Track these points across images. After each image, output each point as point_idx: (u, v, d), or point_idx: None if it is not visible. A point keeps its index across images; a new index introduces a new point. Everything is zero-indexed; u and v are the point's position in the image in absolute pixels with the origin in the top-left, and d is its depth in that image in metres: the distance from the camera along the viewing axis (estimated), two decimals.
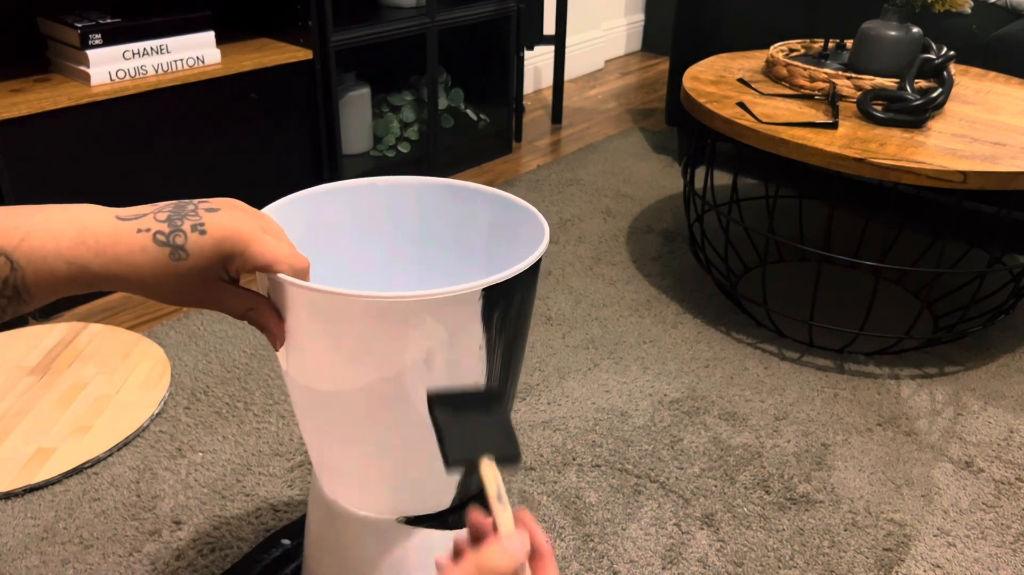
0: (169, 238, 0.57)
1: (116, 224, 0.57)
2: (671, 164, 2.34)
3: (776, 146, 1.35)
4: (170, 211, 0.59)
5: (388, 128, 2.17)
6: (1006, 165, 1.26)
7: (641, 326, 1.59)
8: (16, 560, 1.04)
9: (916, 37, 1.53)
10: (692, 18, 2.17)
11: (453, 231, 0.83)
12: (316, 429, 0.74)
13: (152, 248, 0.57)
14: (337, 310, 0.63)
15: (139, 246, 0.57)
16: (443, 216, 0.83)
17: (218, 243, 0.58)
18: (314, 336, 0.65)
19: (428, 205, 0.82)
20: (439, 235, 0.83)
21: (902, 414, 1.37)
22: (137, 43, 1.56)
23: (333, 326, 0.64)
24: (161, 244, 0.57)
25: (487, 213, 0.80)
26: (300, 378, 0.70)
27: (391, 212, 0.83)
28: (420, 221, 0.83)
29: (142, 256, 0.57)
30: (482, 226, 0.81)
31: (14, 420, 1.26)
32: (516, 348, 0.72)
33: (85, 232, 0.56)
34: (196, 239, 0.58)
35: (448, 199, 0.82)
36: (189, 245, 0.58)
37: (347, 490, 0.77)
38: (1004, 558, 1.10)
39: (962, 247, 1.91)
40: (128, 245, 0.57)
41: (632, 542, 1.10)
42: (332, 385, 0.68)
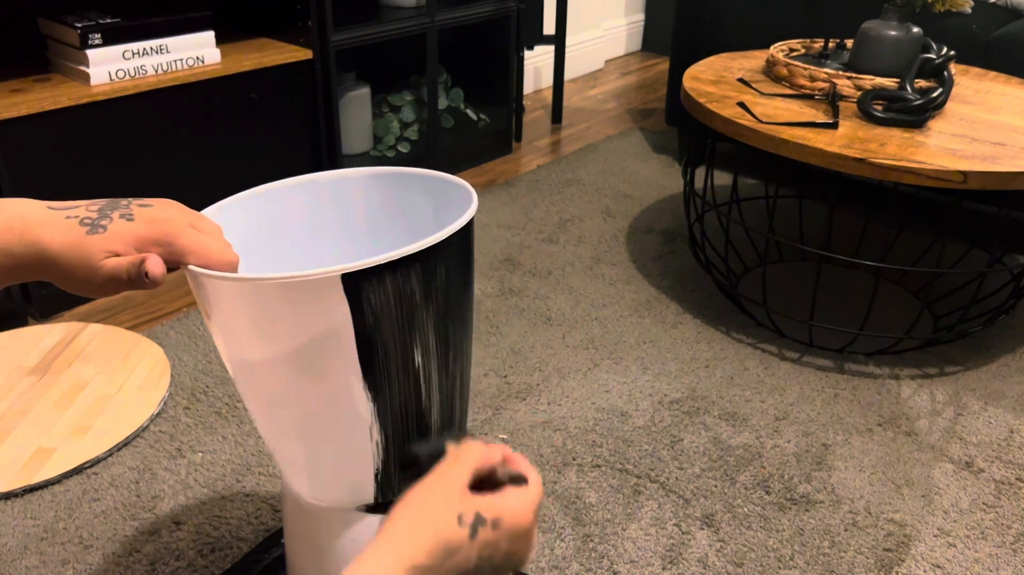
0: (95, 222, 0.59)
1: (47, 212, 0.58)
2: (671, 164, 2.34)
3: (776, 146, 1.35)
4: (103, 204, 0.60)
5: (388, 128, 2.17)
6: (1006, 165, 1.26)
7: (641, 326, 1.59)
8: (16, 560, 1.04)
9: (916, 37, 1.53)
10: (692, 18, 2.17)
11: (401, 219, 0.82)
12: (264, 425, 0.74)
13: (75, 228, 0.58)
14: (236, 295, 0.63)
15: (62, 227, 0.58)
16: (390, 205, 0.82)
17: (143, 229, 0.59)
18: (234, 326, 0.66)
19: (373, 196, 0.82)
20: (388, 224, 0.83)
21: (902, 414, 1.37)
22: (137, 43, 1.56)
23: (241, 314, 0.64)
24: (84, 225, 0.58)
25: (429, 196, 0.80)
26: (234, 371, 0.71)
27: (339, 207, 0.82)
28: (367, 212, 0.82)
29: (63, 236, 0.58)
30: (427, 210, 0.81)
31: (14, 420, 1.26)
32: (447, 326, 0.71)
33: (13, 219, 0.57)
34: (120, 222, 0.59)
35: (392, 187, 0.81)
36: (111, 226, 0.59)
37: (304, 483, 0.77)
38: (1004, 558, 1.10)
39: (962, 247, 1.91)
40: (52, 226, 0.58)
41: (632, 542, 1.10)
42: (257, 376, 0.68)
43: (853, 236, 1.94)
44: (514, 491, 0.60)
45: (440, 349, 0.71)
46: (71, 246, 0.58)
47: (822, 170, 2.07)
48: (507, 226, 1.96)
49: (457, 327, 0.72)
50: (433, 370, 0.71)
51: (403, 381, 0.69)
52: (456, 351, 0.73)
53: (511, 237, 1.91)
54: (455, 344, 0.73)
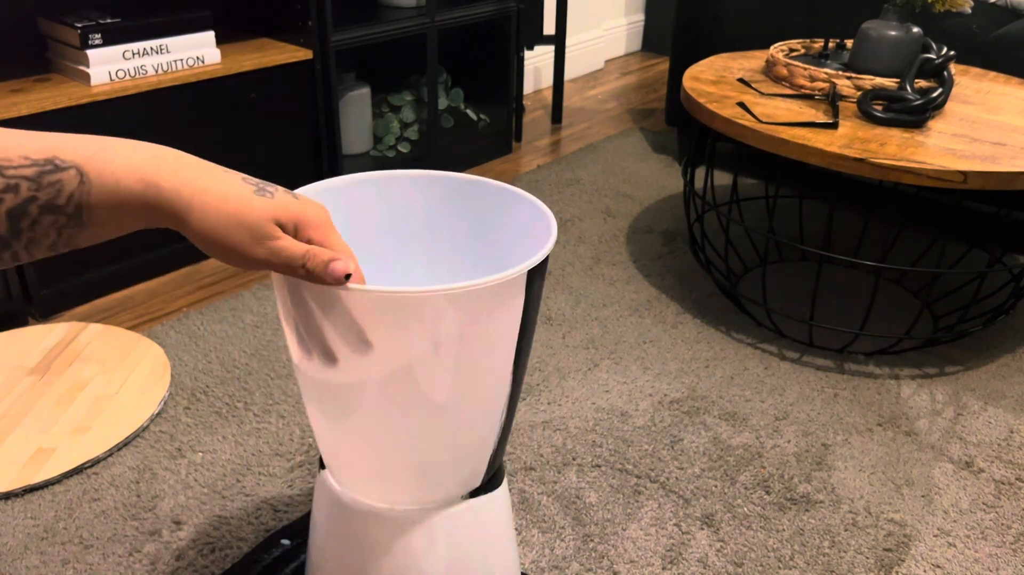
0: (261, 187, 0.57)
1: (201, 162, 0.56)
2: (671, 164, 2.34)
3: (776, 146, 1.35)
4: (259, 179, 0.59)
5: (388, 128, 2.17)
6: (1006, 165, 1.26)
7: (641, 326, 1.59)
8: (16, 560, 1.04)
9: (916, 37, 1.53)
10: (692, 18, 2.17)
11: (467, 226, 0.84)
12: (329, 422, 0.74)
13: (236, 178, 0.56)
14: (355, 305, 0.63)
15: (222, 172, 0.56)
16: (455, 210, 0.83)
17: (306, 211, 0.58)
18: (332, 329, 0.66)
19: (446, 198, 0.84)
20: (449, 230, 0.84)
21: (902, 414, 1.37)
22: (137, 43, 1.56)
23: (350, 320, 0.64)
24: (247, 182, 0.57)
25: (499, 208, 0.82)
26: (313, 371, 0.70)
27: (404, 205, 0.83)
28: (427, 215, 0.84)
29: (222, 180, 0.55)
30: (496, 221, 0.82)
31: (14, 420, 1.26)
32: (526, 341, 0.74)
33: (167, 153, 0.55)
34: (286, 195, 0.58)
35: (470, 194, 0.83)
36: (278, 195, 0.57)
37: (364, 483, 0.77)
38: (1004, 558, 1.10)
39: (962, 247, 1.91)
40: (210, 170, 0.55)
41: (632, 542, 1.10)
42: (346, 377, 0.69)
43: (853, 236, 1.94)
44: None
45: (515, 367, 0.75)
46: (235, 200, 0.55)
47: (822, 170, 2.07)
48: None
49: (527, 346, 0.77)
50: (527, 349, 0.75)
51: (525, 361, 0.75)
52: (523, 370, 0.78)
53: None
54: (523, 361, 0.78)
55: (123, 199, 0.53)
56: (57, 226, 0.52)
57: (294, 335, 0.69)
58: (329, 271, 0.58)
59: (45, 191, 0.51)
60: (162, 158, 0.54)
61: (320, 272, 0.58)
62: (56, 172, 0.51)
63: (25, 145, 0.51)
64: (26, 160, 0.51)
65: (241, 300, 1.61)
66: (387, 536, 0.78)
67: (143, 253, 1.67)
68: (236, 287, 1.68)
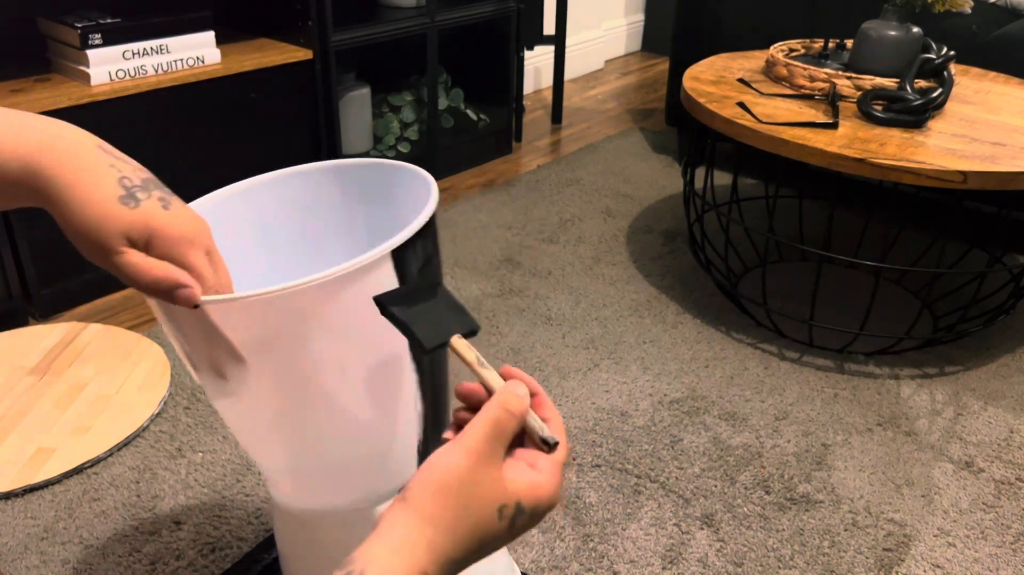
0: (131, 190, 0.55)
1: (94, 150, 0.55)
2: (671, 164, 2.34)
3: (776, 146, 1.35)
4: (152, 178, 0.57)
5: (388, 128, 2.17)
6: (1006, 165, 1.26)
7: (641, 326, 1.59)
8: (16, 560, 1.04)
9: (916, 37, 1.53)
10: (692, 18, 2.17)
11: (333, 214, 0.81)
12: (246, 437, 0.73)
13: (110, 180, 0.54)
14: (229, 315, 0.61)
15: (100, 170, 0.54)
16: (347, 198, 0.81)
17: (166, 224, 0.55)
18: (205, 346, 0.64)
19: (308, 194, 0.81)
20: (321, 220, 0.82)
21: (902, 414, 1.37)
22: (137, 43, 1.56)
23: (213, 336, 0.62)
24: (121, 185, 0.55)
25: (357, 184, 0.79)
26: (207, 386, 0.69)
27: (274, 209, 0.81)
28: (302, 213, 0.81)
29: (94, 180, 0.54)
30: (354, 199, 0.79)
31: (14, 420, 1.26)
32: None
33: (57, 140, 0.54)
34: (154, 204, 0.55)
35: (321, 183, 0.80)
36: (145, 203, 0.55)
37: (300, 490, 0.76)
38: (1004, 558, 1.10)
39: (962, 247, 1.91)
40: (88, 167, 0.54)
41: (632, 542, 1.10)
42: (232, 389, 0.67)
43: (853, 236, 1.94)
44: (548, 462, 0.53)
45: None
46: (96, 206, 0.53)
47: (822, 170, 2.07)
48: (507, 226, 1.96)
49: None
50: None
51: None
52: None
53: (511, 237, 1.91)
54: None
55: (4, 179, 0.52)
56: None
57: (182, 353, 0.67)
58: (175, 298, 0.56)
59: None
60: (49, 146, 0.53)
61: (167, 297, 0.56)
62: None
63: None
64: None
65: None
66: (333, 537, 0.77)
67: None
68: None
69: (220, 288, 0.59)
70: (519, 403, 0.52)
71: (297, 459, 0.72)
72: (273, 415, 0.68)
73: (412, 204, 0.76)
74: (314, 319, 0.61)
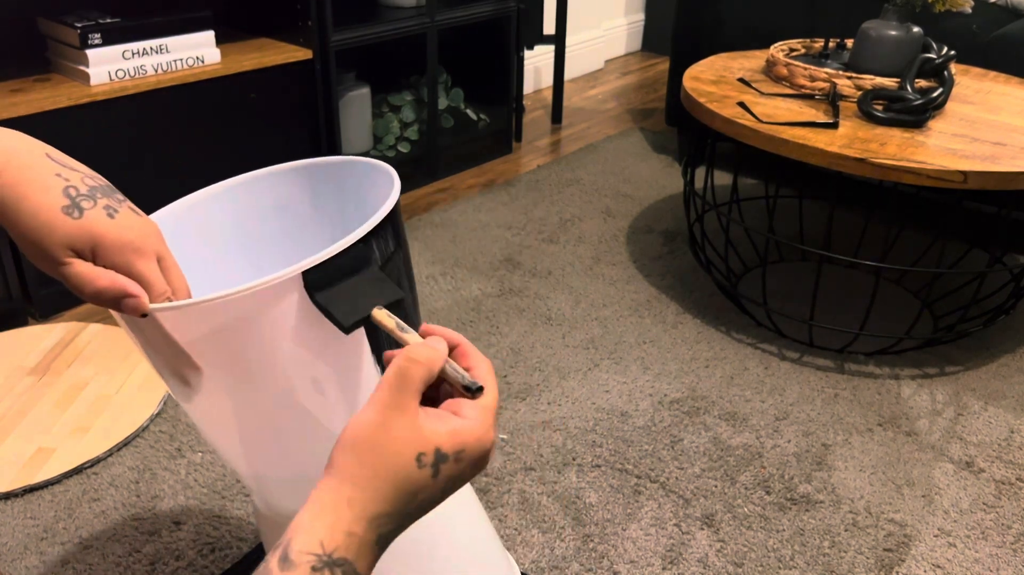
0: (76, 200, 0.54)
1: (40, 159, 0.55)
2: (671, 164, 2.34)
3: (776, 146, 1.35)
4: (100, 185, 0.56)
5: (388, 128, 2.17)
6: (1006, 165, 1.26)
7: (641, 326, 1.59)
8: (16, 560, 1.04)
9: (916, 37, 1.53)
10: (692, 18, 2.17)
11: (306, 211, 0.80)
12: (216, 443, 0.72)
13: (56, 190, 0.54)
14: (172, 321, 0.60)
15: (47, 180, 0.54)
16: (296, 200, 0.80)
17: (112, 233, 0.55)
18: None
19: (281, 194, 0.80)
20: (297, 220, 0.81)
21: (902, 414, 1.37)
22: (137, 43, 1.56)
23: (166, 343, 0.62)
24: (66, 196, 0.54)
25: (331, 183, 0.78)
26: (177, 392, 0.68)
27: (246, 211, 0.80)
28: (272, 213, 0.80)
29: (41, 191, 0.53)
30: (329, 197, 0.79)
31: (14, 420, 1.26)
32: None
33: (11, 153, 0.53)
34: (99, 214, 0.55)
35: (292, 183, 0.80)
36: (89, 213, 0.55)
37: (273, 494, 0.76)
38: (1004, 558, 1.10)
39: (962, 247, 1.91)
40: (37, 176, 0.53)
41: (632, 542, 1.10)
42: (191, 397, 0.66)
43: (853, 236, 1.94)
44: (472, 408, 0.53)
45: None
46: (42, 216, 0.53)
47: (822, 170, 2.07)
48: (507, 226, 1.96)
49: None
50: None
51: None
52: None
53: (511, 237, 1.91)
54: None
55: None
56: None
57: (146, 360, 0.67)
58: (122, 306, 0.56)
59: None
60: (3, 158, 0.53)
61: (115, 306, 0.56)
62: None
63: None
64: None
65: None
66: None
67: None
68: None
69: (174, 294, 0.59)
70: (425, 352, 0.52)
71: (264, 465, 0.71)
72: (235, 421, 0.67)
73: (381, 200, 0.75)
74: (266, 323, 0.60)
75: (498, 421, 1.32)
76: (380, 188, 0.75)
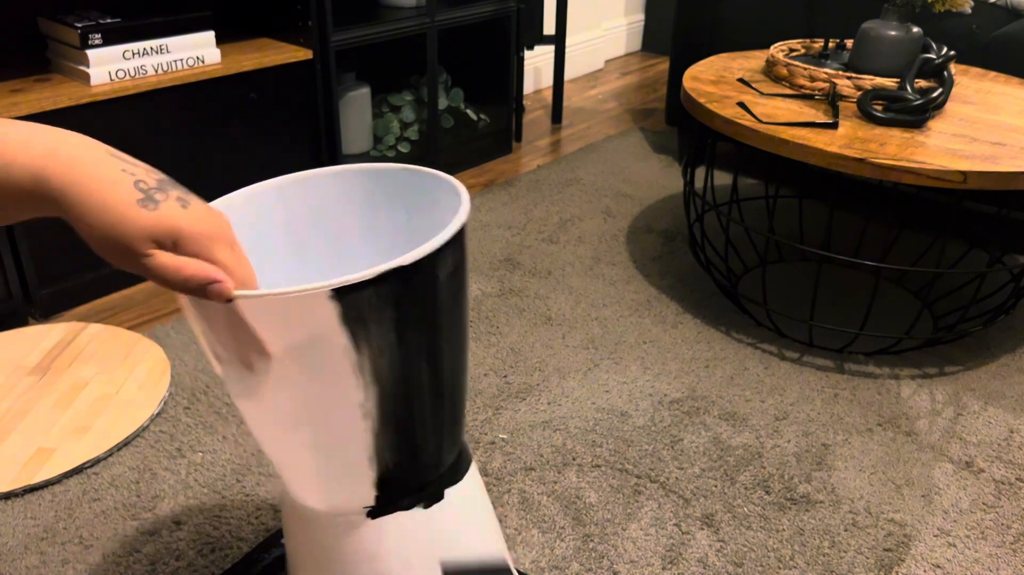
0: (150, 192, 0.55)
1: (105, 155, 0.55)
2: (671, 164, 2.34)
3: (776, 146, 1.35)
4: (164, 178, 0.57)
5: (388, 128, 2.17)
6: (1006, 165, 1.26)
7: (641, 326, 1.59)
8: (16, 560, 1.04)
9: (916, 37, 1.53)
10: (692, 18, 2.17)
11: (379, 216, 0.81)
12: (260, 432, 0.73)
13: (125, 184, 0.54)
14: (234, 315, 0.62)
15: (113, 175, 0.54)
16: (370, 203, 0.81)
17: (189, 223, 0.56)
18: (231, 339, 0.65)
19: (355, 194, 0.81)
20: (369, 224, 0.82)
21: (902, 414, 1.37)
22: (137, 43, 1.56)
23: (243, 330, 0.63)
24: (137, 188, 0.54)
25: (411, 194, 0.79)
26: (234, 380, 0.70)
27: (316, 207, 0.81)
28: (343, 211, 0.81)
29: (108, 185, 0.54)
30: (408, 209, 0.80)
31: (14, 420, 1.26)
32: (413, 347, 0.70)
33: (61, 146, 0.53)
34: (174, 205, 0.56)
35: (374, 184, 0.81)
36: (164, 204, 0.55)
37: (306, 489, 0.77)
38: (1004, 558, 1.10)
39: (962, 247, 1.91)
40: (100, 172, 0.54)
41: (632, 542, 1.10)
42: (249, 386, 0.68)
43: (853, 236, 1.94)
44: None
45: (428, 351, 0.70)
46: (113, 211, 0.53)
47: (822, 170, 2.07)
48: (507, 226, 1.96)
49: (449, 328, 0.72)
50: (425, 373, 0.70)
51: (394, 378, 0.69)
52: (449, 351, 0.73)
53: (511, 237, 1.91)
54: (448, 345, 0.73)
55: (13, 193, 0.53)
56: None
57: (206, 345, 0.67)
58: (208, 292, 0.57)
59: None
60: (54, 155, 0.53)
61: (200, 293, 0.57)
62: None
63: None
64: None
65: None
66: (342, 540, 0.78)
67: None
68: None
69: (246, 281, 0.60)
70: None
71: (316, 459, 0.72)
72: (294, 409, 0.68)
73: (439, 212, 0.77)
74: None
75: (498, 421, 1.32)
76: (445, 200, 0.76)
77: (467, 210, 0.69)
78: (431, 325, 0.69)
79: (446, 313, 0.70)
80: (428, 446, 0.76)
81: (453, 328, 0.72)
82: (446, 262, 0.67)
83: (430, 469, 0.78)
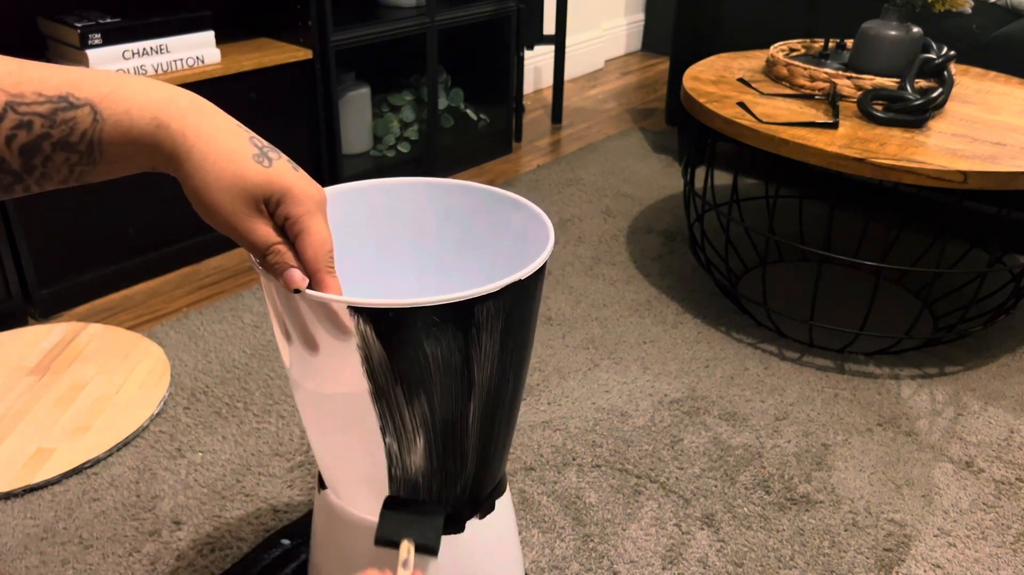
0: (263, 149, 0.56)
1: (218, 109, 0.56)
2: (671, 164, 2.34)
3: (776, 146, 1.35)
4: (265, 144, 0.58)
5: (388, 128, 2.17)
6: (1006, 165, 1.26)
7: (641, 326, 1.59)
8: (16, 560, 1.04)
9: (916, 37, 1.53)
10: (692, 18, 2.17)
11: (464, 234, 0.83)
12: (318, 434, 0.74)
13: (243, 137, 0.55)
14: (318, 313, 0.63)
15: (232, 127, 0.55)
16: (454, 218, 0.83)
17: (297, 185, 0.56)
18: (307, 336, 0.65)
19: (451, 207, 0.83)
20: (445, 238, 0.84)
21: (902, 414, 1.37)
22: (137, 43, 1.56)
23: (314, 326, 0.64)
24: (253, 144, 0.56)
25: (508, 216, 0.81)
26: (301, 380, 0.70)
27: (404, 213, 0.83)
28: (432, 223, 0.83)
29: (229, 135, 0.55)
30: (504, 230, 0.81)
31: (14, 420, 1.26)
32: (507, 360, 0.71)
33: (182, 95, 0.54)
34: (285, 165, 0.57)
35: (472, 201, 0.82)
36: (276, 163, 0.56)
37: (352, 495, 0.77)
38: (1004, 558, 1.10)
39: (962, 247, 1.91)
40: (220, 122, 0.55)
41: (632, 542, 1.10)
42: (322, 386, 0.68)
43: (853, 236, 1.94)
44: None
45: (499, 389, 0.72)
46: (234, 162, 0.54)
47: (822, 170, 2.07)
48: None
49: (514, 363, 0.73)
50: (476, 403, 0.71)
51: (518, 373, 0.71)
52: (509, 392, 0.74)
53: None
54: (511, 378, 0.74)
55: (134, 137, 0.53)
56: (69, 163, 0.52)
57: (276, 322, 0.69)
58: (283, 276, 0.58)
59: (58, 128, 0.51)
60: (175, 101, 0.54)
61: (276, 272, 0.58)
62: (70, 109, 0.51)
63: (41, 80, 0.51)
64: (40, 97, 0.50)
65: (241, 300, 1.61)
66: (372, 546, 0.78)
67: (143, 253, 1.67)
68: (236, 287, 1.68)
69: (321, 264, 0.60)
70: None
71: (363, 461, 0.73)
72: (353, 399, 0.68)
73: (520, 241, 0.79)
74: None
75: None
76: (521, 229, 0.79)
77: (551, 245, 0.71)
78: (524, 340, 0.71)
79: (533, 327, 0.73)
80: (495, 460, 0.77)
81: (531, 344, 0.74)
82: (541, 282, 0.70)
83: (486, 485, 0.79)
